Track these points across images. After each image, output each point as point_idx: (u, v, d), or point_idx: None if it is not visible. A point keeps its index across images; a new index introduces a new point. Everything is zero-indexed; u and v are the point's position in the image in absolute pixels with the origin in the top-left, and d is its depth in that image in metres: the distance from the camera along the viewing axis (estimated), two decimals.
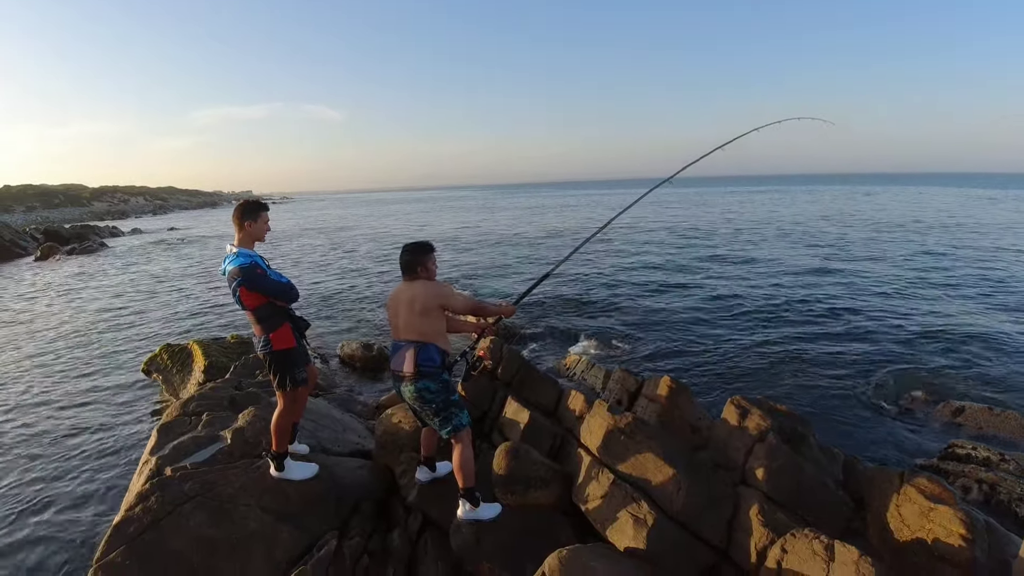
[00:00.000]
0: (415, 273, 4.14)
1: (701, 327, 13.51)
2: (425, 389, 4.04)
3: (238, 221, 4.22)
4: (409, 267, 4.15)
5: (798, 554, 3.41)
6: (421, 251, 4.17)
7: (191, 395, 6.61)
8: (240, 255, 4.10)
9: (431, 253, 4.22)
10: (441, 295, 4.05)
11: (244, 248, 4.18)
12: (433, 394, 4.07)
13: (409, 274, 4.17)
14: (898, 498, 4.04)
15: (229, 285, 4.13)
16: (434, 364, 4.02)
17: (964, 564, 3.53)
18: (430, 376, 4.03)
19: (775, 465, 4.25)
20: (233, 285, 4.08)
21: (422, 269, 4.14)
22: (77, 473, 7.20)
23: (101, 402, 9.64)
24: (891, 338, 11.97)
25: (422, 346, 4.01)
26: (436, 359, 4.03)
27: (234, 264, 4.06)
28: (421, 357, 4.00)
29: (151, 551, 3.87)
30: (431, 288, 4.06)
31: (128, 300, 19.08)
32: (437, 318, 4.06)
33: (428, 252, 4.20)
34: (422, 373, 4.01)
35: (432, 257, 4.21)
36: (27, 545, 5.83)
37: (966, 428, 7.73)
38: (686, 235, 33.27)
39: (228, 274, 4.10)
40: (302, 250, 33.91)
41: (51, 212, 75.76)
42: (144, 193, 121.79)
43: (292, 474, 4.57)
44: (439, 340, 4.08)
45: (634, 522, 3.88)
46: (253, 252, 4.22)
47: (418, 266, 4.13)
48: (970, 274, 18.82)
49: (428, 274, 4.17)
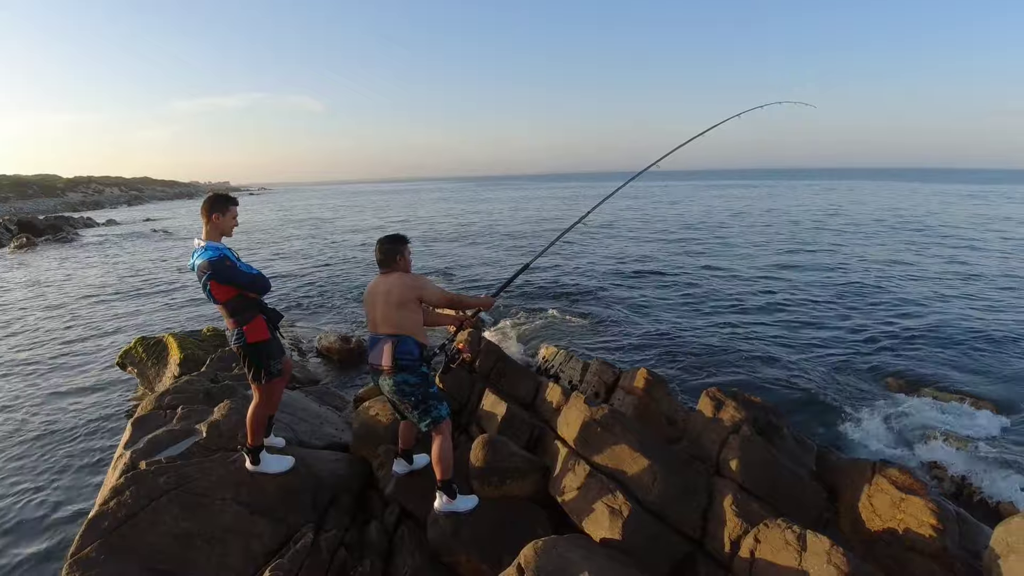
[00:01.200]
0: (391, 266, 4.13)
1: (678, 319, 13.62)
2: (404, 383, 4.05)
3: (206, 214, 4.14)
4: (385, 259, 4.14)
5: (771, 544, 3.46)
6: (396, 242, 4.17)
7: (166, 388, 6.55)
8: (208, 248, 4.03)
9: (406, 244, 4.22)
10: (417, 287, 4.04)
11: (212, 241, 4.11)
12: (412, 387, 4.07)
13: (385, 267, 4.16)
14: (870, 489, 4.12)
15: (199, 279, 4.04)
16: (412, 357, 4.01)
17: (935, 554, 3.60)
18: (408, 369, 4.02)
19: (749, 456, 4.31)
20: (203, 279, 4.01)
21: (400, 259, 4.14)
22: (50, 468, 7.10)
23: (75, 396, 9.51)
24: (866, 331, 12.14)
25: (400, 339, 4.01)
26: (414, 352, 4.02)
27: (203, 258, 3.99)
28: (399, 350, 3.99)
29: (126, 545, 3.83)
30: (407, 280, 4.05)
31: (102, 292, 18.79)
32: (414, 311, 4.04)
33: (403, 243, 4.20)
34: (400, 367, 4.00)
35: (407, 248, 4.22)
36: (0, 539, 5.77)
37: (938, 418, 7.85)
38: (665, 228, 33.46)
39: (197, 268, 4.03)
40: (279, 242, 33.62)
41: (25, 203, 74.34)
42: (119, 184, 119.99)
43: (268, 467, 4.54)
44: (417, 333, 4.07)
45: (610, 513, 3.91)
46: (221, 245, 4.14)
47: (396, 256, 4.12)
48: (948, 268, 19.11)
49: (404, 265, 4.17)
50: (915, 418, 7.92)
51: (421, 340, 4.10)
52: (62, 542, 5.62)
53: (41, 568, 5.36)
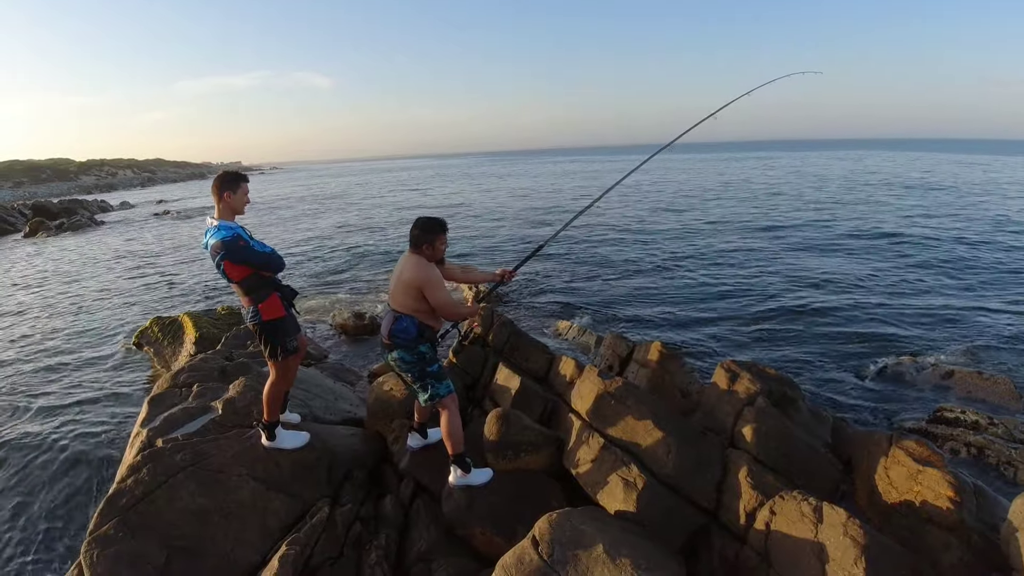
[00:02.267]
0: (418, 249, 4.08)
1: (692, 293, 13.52)
2: (400, 359, 4.12)
3: (217, 193, 4.13)
4: (414, 241, 4.09)
5: (787, 516, 3.45)
6: (429, 230, 4.06)
7: (181, 367, 6.59)
8: (221, 228, 4.01)
9: (440, 234, 4.11)
10: (424, 282, 3.95)
11: (225, 220, 4.09)
12: (408, 364, 4.12)
13: (413, 247, 4.11)
14: (886, 461, 4.08)
15: (212, 259, 4.05)
16: (408, 336, 4.03)
17: (952, 526, 3.57)
18: (403, 347, 4.07)
19: (764, 428, 4.28)
20: (217, 259, 4.00)
21: (427, 247, 4.05)
22: (68, 446, 7.18)
23: (92, 375, 9.61)
24: (881, 304, 12.00)
25: (400, 317, 4.04)
26: (411, 331, 4.03)
27: (216, 238, 3.97)
28: (396, 327, 4.04)
29: (144, 522, 3.88)
30: (419, 271, 3.97)
31: (118, 273, 18.95)
32: (415, 298, 4.00)
33: (436, 232, 4.09)
34: (396, 343, 4.06)
35: (441, 238, 4.12)
36: (18, 518, 5.84)
37: (955, 392, 7.78)
38: (679, 204, 33.11)
39: (211, 248, 4.02)
40: (292, 219, 33.67)
41: (39, 187, 74.81)
42: (132, 166, 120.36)
43: (284, 443, 4.57)
44: (419, 314, 4.06)
45: (624, 485, 3.91)
46: (234, 224, 4.12)
47: (423, 243, 4.05)
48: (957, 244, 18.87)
49: (432, 253, 4.08)
50: (932, 391, 7.85)
51: (425, 321, 4.09)
52: (80, 519, 5.69)
53: (61, 546, 5.43)
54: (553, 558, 3.17)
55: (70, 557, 5.15)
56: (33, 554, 5.33)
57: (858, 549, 3.04)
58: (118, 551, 3.68)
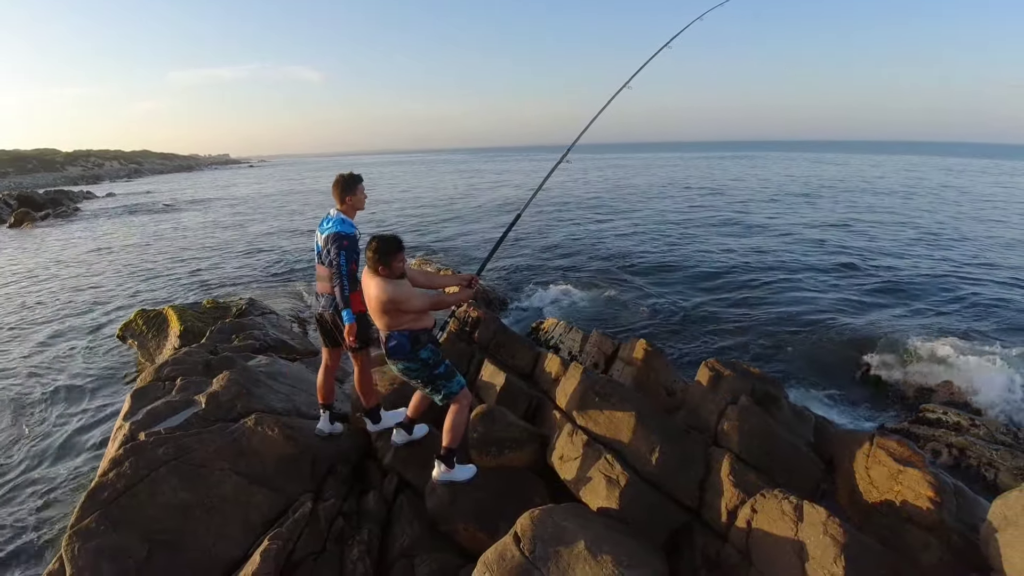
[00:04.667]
0: (375, 271, 3.95)
1: (677, 290, 13.61)
2: (406, 369, 4.12)
3: (339, 197, 4.56)
4: (371, 264, 3.96)
5: (768, 514, 3.47)
6: (385, 252, 3.90)
7: (165, 360, 6.55)
8: (347, 223, 4.46)
9: (398, 253, 3.94)
10: (396, 300, 3.89)
11: (348, 218, 4.53)
12: (414, 371, 4.13)
13: (370, 268, 3.99)
14: (868, 460, 4.10)
15: (325, 244, 4.41)
16: (403, 350, 4.02)
17: (932, 526, 3.60)
18: (404, 359, 4.06)
19: (747, 427, 4.31)
20: (331, 246, 4.34)
21: (383, 268, 3.91)
22: (50, 439, 7.13)
23: (75, 368, 9.52)
24: (863, 303, 12.12)
25: (388, 336, 4.04)
26: (405, 346, 4.01)
27: (340, 229, 4.38)
28: (389, 345, 4.04)
29: (126, 516, 3.86)
30: (387, 294, 3.88)
31: (103, 265, 18.76)
32: (394, 315, 3.96)
33: (393, 253, 3.92)
34: (395, 358, 4.07)
35: (399, 256, 3.94)
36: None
37: (937, 393, 7.85)
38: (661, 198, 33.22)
39: (330, 235, 4.38)
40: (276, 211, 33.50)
41: (24, 178, 73.91)
42: (118, 157, 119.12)
43: (389, 422, 4.94)
44: (406, 325, 4.01)
45: (607, 482, 3.92)
46: (354, 224, 4.54)
47: (379, 266, 3.91)
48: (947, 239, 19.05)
49: (389, 273, 3.93)
50: (914, 391, 7.92)
51: (416, 327, 4.05)
52: (62, 513, 5.65)
53: (42, 539, 5.39)
54: (535, 555, 3.17)
55: (50, 549, 5.12)
56: (13, 547, 5.29)
57: (838, 548, 3.07)
58: (99, 544, 3.66)
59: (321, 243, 4.49)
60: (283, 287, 14.23)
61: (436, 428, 4.60)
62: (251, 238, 23.68)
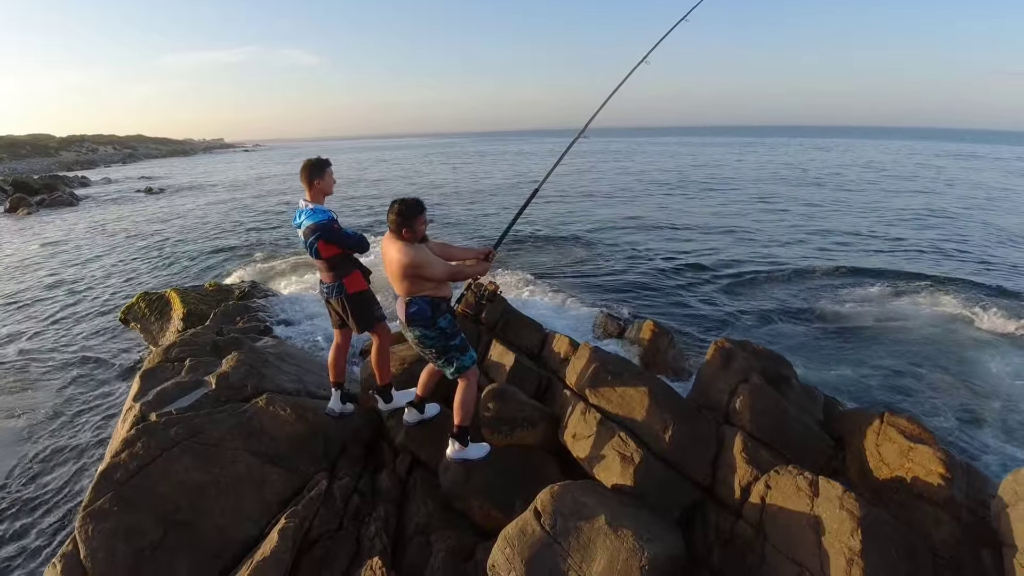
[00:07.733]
0: (399, 234, 3.94)
1: (685, 271, 13.60)
2: (422, 336, 4.09)
3: (307, 180, 4.47)
4: (393, 227, 3.94)
5: (782, 490, 3.49)
6: (407, 214, 3.89)
7: (173, 341, 6.54)
8: (317, 211, 4.37)
9: (419, 215, 3.95)
10: (417, 265, 3.88)
11: (318, 204, 4.45)
12: (430, 340, 4.10)
13: (393, 233, 3.98)
14: (878, 438, 4.13)
15: (305, 238, 4.40)
16: (424, 316, 4.00)
17: (943, 502, 3.63)
18: (423, 325, 4.04)
19: (759, 405, 4.33)
20: (311, 238, 4.35)
21: (406, 231, 3.91)
22: (59, 422, 7.14)
23: (79, 351, 9.52)
24: (873, 283, 12.11)
25: (410, 301, 4.01)
26: (426, 311, 3.99)
27: (312, 220, 4.34)
28: (410, 311, 4.01)
29: (139, 496, 3.86)
30: (408, 257, 3.87)
31: (102, 249, 18.69)
32: (415, 281, 3.95)
33: (415, 215, 3.92)
34: (414, 324, 4.04)
35: (420, 219, 3.95)
36: (10, 496, 5.80)
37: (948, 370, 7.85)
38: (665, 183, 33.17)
39: (305, 228, 4.37)
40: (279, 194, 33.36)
41: (18, 163, 73.35)
42: (112, 142, 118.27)
43: (400, 402, 4.90)
44: (427, 291, 4.01)
45: (621, 460, 3.93)
46: (327, 208, 4.46)
47: (402, 229, 3.90)
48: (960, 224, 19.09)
49: (412, 236, 3.94)
50: (924, 369, 7.93)
51: (436, 295, 4.04)
52: (75, 494, 5.67)
53: (55, 521, 5.40)
54: (556, 529, 3.20)
55: (62, 530, 5.14)
56: (26, 528, 5.31)
57: (854, 522, 3.10)
58: (114, 525, 3.65)
59: (303, 237, 4.46)
60: (286, 267, 14.16)
61: (447, 407, 4.60)
62: (250, 220, 23.61)
